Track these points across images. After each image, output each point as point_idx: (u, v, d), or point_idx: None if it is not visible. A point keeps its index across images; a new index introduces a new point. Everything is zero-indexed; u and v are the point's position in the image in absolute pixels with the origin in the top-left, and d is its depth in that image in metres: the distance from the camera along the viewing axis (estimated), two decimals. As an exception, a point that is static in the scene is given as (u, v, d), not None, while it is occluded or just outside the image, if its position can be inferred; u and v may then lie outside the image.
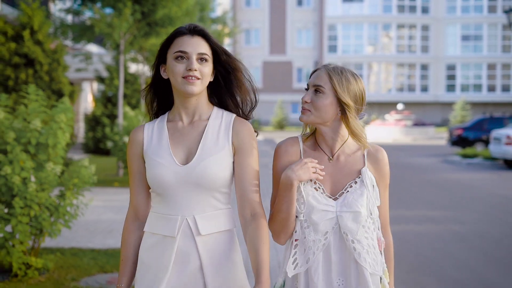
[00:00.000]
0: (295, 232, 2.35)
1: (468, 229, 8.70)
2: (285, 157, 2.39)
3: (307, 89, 2.37)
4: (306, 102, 2.33)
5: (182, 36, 2.27)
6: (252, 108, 2.40)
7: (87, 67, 15.17)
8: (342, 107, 2.33)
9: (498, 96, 49.48)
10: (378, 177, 2.39)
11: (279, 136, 35.32)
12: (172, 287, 2.23)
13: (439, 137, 34.77)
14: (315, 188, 2.34)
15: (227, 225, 2.29)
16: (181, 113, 2.32)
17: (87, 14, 14.86)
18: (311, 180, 2.33)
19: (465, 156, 21.25)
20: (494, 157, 19.09)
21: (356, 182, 2.34)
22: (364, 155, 2.38)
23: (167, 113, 2.38)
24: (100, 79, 19.98)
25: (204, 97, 2.33)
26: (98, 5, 13.86)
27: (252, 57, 51.25)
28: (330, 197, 2.33)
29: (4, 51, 10.81)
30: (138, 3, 13.20)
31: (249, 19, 51.67)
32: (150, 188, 2.34)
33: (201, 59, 2.25)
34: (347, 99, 2.31)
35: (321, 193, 2.33)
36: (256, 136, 2.35)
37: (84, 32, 13.58)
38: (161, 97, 2.39)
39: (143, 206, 2.37)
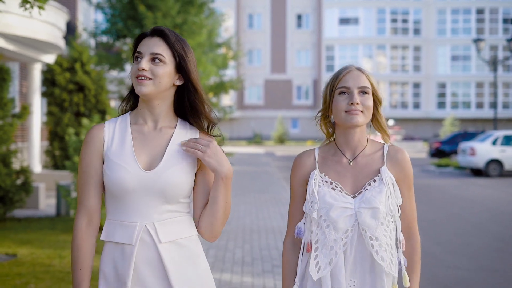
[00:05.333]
0: (313, 233, 2.31)
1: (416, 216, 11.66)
2: (300, 168, 2.39)
3: (343, 92, 2.30)
4: (357, 104, 2.27)
5: (144, 38, 2.18)
6: (213, 126, 2.25)
7: (120, 90, 18.35)
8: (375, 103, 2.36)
9: (486, 112, 51.25)
10: (401, 177, 2.35)
11: (279, 150, 38.19)
12: None
13: (426, 151, 37.27)
14: (332, 188, 2.32)
15: (188, 232, 2.20)
16: (145, 116, 2.20)
17: (117, 45, 18.07)
18: (326, 182, 2.33)
19: (439, 165, 23.99)
20: (462, 167, 21.80)
21: (375, 180, 2.31)
22: (384, 155, 2.36)
23: (128, 114, 2.24)
24: (122, 98, 23.08)
25: (167, 103, 2.20)
26: (129, 40, 17.06)
27: (254, 76, 53.82)
28: (349, 195, 2.30)
29: (61, 79, 13.92)
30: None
31: (251, 40, 54.10)
32: (104, 191, 2.19)
33: (154, 59, 2.12)
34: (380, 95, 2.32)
35: (339, 191, 2.30)
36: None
37: (118, 62, 16.73)
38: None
39: (97, 210, 2.19)
